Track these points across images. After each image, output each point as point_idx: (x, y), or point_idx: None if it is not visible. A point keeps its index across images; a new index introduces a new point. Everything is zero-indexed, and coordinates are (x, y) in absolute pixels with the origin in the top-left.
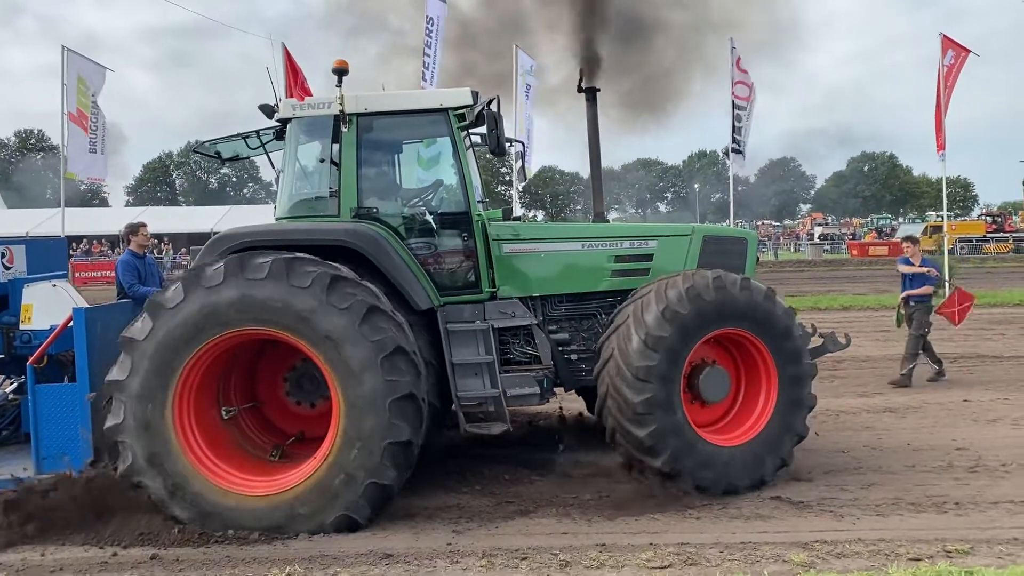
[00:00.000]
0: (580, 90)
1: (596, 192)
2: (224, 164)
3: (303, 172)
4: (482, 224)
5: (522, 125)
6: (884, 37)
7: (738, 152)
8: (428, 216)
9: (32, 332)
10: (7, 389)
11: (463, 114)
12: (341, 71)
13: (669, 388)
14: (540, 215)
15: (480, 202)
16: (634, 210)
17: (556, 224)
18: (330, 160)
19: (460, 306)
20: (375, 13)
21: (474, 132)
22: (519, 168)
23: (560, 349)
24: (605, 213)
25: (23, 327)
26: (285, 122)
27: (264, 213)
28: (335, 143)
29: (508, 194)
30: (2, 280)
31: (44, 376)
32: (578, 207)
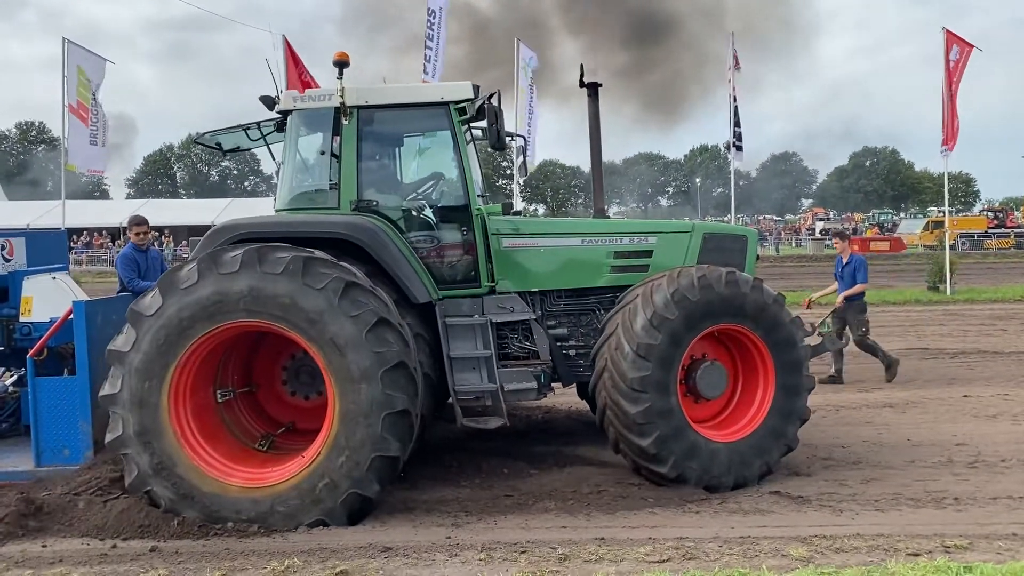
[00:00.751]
0: (582, 85)
1: (597, 188)
2: (225, 155)
3: (303, 164)
4: (482, 218)
5: (523, 119)
6: (886, 32)
7: (738, 148)
8: (428, 210)
9: (32, 325)
10: (7, 382)
11: (464, 108)
12: (342, 63)
13: (666, 394)
14: (541, 209)
15: (480, 196)
16: (635, 204)
17: (556, 219)
18: (330, 153)
19: (459, 300)
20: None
21: (475, 126)
22: (520, 163)
23: (559, 344)
24: (606, 209)
25: (23, 320)
26: (286, 114)
27: (265, 206)
28: (335, 136)
29: (510, 188)
30: (2, 272)
31: (44, 369)
32: (579, 201)
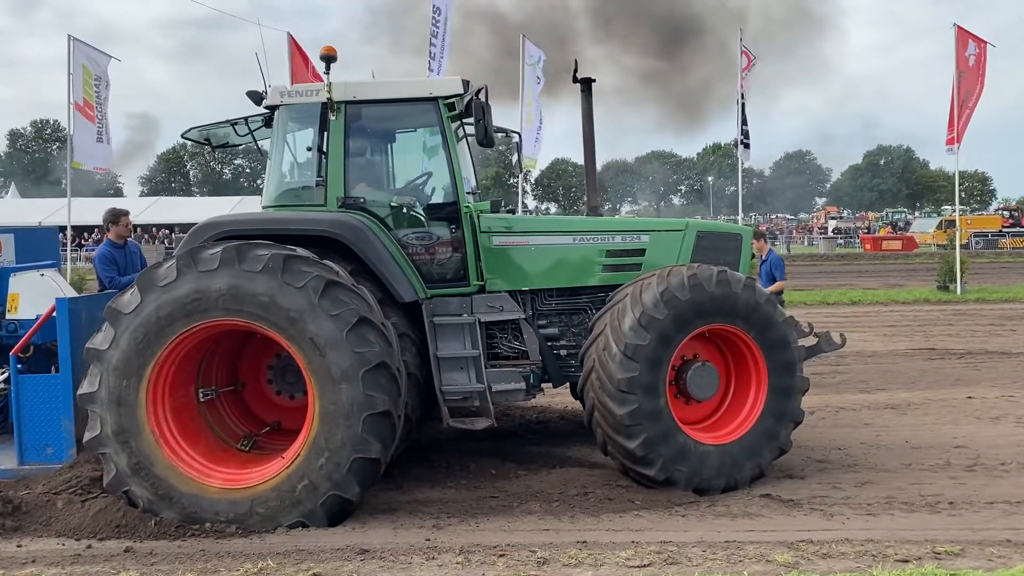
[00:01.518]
0: (575, 80)
1: (590, 185)
2: (214, 151)
3: (290, 160)
4: (471, 216)
5: (530, 116)
6: (901, 29)
7: (746, 146)
8: (416, 207)
9: (18, 322)
10: None
11: (453, 103)
12: (329, 58)
13: (654, 395)
14: (553, 208)
15: (470, 193)
16: (648, 203)
17: (547, 217)
18: (317, 148)
19: (447, 299)
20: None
21: (466, 122)
22: (516, 160)
23: (549, 344)
24: (600, 207)
25: (9, 316)
26: (273, 109)
27: None
28: (323, 131)
29: (524, 186)
30: None
31: (33, 366)
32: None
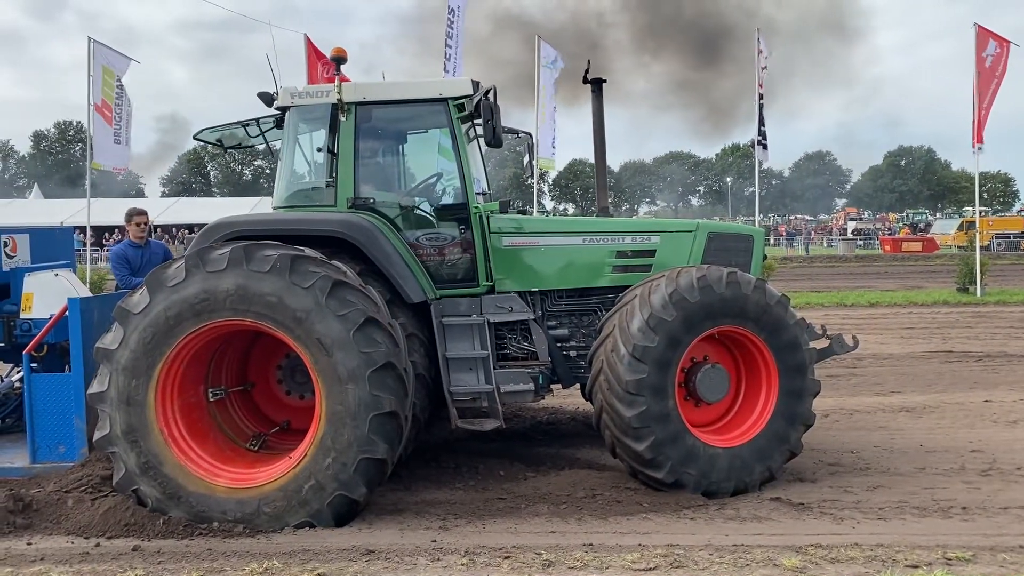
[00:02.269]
0: (586, 81)
1: (600, 186)
2: (226, 152)
3: (301, 161)
4: (480, 216)
5: (544, 116)
6: (922, 29)
7: (763, 146)
8: (426, 207)
9: (32, 321)
10: (12, 378)
11: (463, 104)
12: (339, 59)
13: (663, 397)
14: (571, 208)
15: (480, 194)
16: (667, 204)
17: (557, 218)
18: (327, 149)
19: (456, 299)
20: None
21: (476, 123)
22: (527, 162)
23: (559, 345)
24: (610, 208)
25: (23, 316)
26: (284, 110)
27: None
28: (333, 132)
29: (541, 188)
30: (4, 269)
31: (47, 365)
32: (609, 200)
